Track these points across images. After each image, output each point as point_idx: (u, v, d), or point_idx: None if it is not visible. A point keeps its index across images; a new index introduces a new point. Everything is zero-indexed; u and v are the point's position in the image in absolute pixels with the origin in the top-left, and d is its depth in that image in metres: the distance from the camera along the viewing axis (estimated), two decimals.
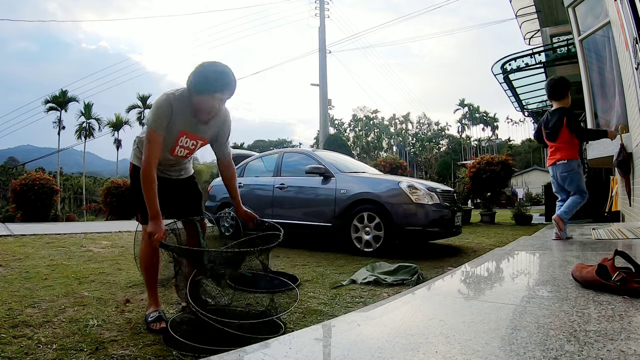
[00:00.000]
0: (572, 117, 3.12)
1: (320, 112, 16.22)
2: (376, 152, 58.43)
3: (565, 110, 3.14)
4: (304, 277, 2.70)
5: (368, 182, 3.97)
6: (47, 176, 9.74)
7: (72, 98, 30.07)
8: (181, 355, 1.37)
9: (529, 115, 15.28)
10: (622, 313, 1.22)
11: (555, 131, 3.14)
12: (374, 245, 3.69)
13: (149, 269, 1.75)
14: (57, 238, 4.82)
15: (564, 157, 3.13)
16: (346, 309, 1.92)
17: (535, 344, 0.98)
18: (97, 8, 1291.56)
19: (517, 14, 10.30)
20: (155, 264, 1.77)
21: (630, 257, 1.50)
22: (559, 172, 3.17)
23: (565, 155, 3.13)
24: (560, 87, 3.21)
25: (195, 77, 1.59)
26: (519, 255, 2.78)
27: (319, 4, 16.85)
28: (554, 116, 3.18)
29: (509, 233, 5.77)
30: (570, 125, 3.08)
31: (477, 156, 12.25)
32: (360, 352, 1.02)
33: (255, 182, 4.81)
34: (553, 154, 3.24)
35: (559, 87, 3.20)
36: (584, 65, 5.72)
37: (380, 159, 10.72)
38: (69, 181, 33.93)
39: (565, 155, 3.13)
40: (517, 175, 29.07)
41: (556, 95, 3.20)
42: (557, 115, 3.15)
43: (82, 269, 2.90)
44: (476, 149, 56.63)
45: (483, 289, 1.79)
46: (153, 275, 1.77)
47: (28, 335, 1.51)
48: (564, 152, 3.14)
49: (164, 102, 1.62)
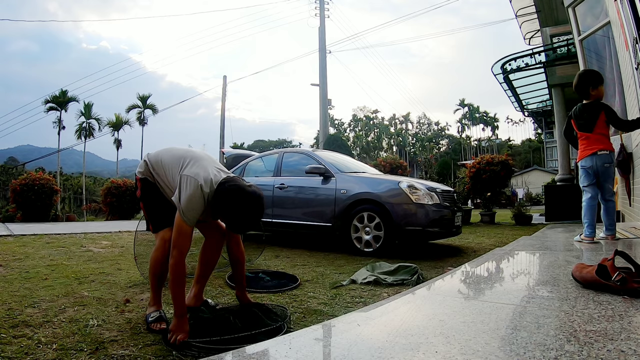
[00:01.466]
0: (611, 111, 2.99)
1: (320, 112, 16.22)
2: (376, 152, 58.41)
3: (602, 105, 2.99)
4: (304, 277, 2.70)
5: (368, 182, 3.97)
6: (47, 176, 9.73)
7: (72, 98, 30.05)
8: (181, 355, 1.37)
9: (529, 115, 15.27)
10: (622, 313, 1.22)
11: (592, 121, 2.98)
12: (374, 245, 3.69)
13: (157, 273, 1.73)
14: (57, 238, 4.82)
15: (608, 147, 2.98)
16: (346, 309, 1.92)
17: (535, 344, 0.98)
18: (97, 8, 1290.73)
19: (517, 14, 10.30)
20: (165, 271, 1.74)
21: (630, 257, 1.50)
22: (601, 162, 2.98)
23: (607, 146, 2.99)
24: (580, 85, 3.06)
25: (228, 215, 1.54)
26: (519, 255, 2.78)
27: (319, 4, 16.86)
28: (589, 108, 3.03)
29: (509, 233, 5.76)
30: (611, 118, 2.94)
31: (477, 156, 12.26)
32: (360, 352, 1.02)
33: (255, 182, 4.80)
34: (591, 144, 3.03)
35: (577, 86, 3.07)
36: (584, 65, 5.72)
37: (380, 159, 10.72)
38: (69, 181, 33.88)
39: (608, 146, 2.99)
40: (517, 175, 29.03)
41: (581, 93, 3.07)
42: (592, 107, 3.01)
43: (82, 269, 2.90)
44: (476, 149, 56.61)
45: (483, 289, 1.79)
46: (161, 280, 1.76)
47: (28, 335, 1.51)
48: (605, 143, 2.99)
49: (200, 200, 1.54)
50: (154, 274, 1.75)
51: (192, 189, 1.53)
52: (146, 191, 1.77)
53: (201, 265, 1.88)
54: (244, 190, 1.53)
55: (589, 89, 3.00)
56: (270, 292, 2.28)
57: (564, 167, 9.14)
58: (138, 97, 33.41)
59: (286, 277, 2.66)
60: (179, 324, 1.49)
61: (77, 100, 30.41)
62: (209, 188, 1.55)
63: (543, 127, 22.76)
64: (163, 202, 1.73)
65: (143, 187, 1.77)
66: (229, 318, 1.64)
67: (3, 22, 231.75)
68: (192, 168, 1.61)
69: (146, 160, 1.78)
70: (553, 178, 11.98)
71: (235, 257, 1.83)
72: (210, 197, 1.56)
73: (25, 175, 9.63)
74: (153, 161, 1.76)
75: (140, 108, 33.38)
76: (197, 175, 1.56)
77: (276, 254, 3.81)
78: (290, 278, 2.64)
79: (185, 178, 1.56)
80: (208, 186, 1.55)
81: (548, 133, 23.12)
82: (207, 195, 1.55)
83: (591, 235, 2.99)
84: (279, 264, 3.25)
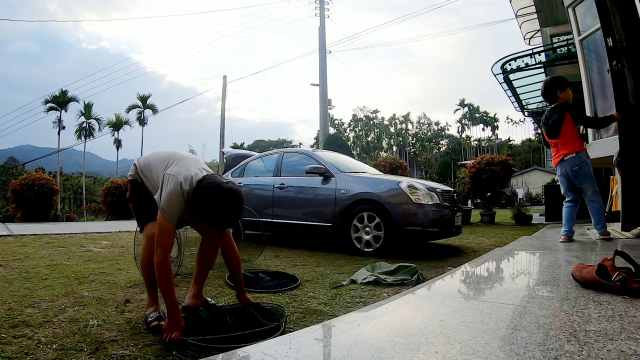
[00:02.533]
0: (575, 110, 3.02)
1: (320, 112, 16.22)
2: (376, 152, 58.43)
3: (566, 106, 3.04)
4: (304, 277, 2.70)
5: (368, 182, 3.97)
6: (47, 176, 9.73)
7: (72, 98, 30.05)
8: (181, 355, 1.37)
9: (529, 115, 15.27)
10: (622, 313, 1.22)
11: (557, 127, 3.04)
12: (374, 245, 3.69)
13: (149, 272, 1.74)
14: (57, 238, 4.82)
15: (572, 150, 3.00)
16: (346, 309, 1.92)
17: (535, 344, 0.98)
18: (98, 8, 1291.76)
19: (517, 14, 10.29)
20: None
21: (630, 257, 1.50)
22: (568, 167, 3.04)
23: (572, 148, 3.00)
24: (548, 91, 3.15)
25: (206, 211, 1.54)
26: (519, 255, 2.78)
27: (319, 4, 16.85)
28: (553, 113, 3.10)
29: (509, 233, 5.76)
30: (576, 117, 2.98)
31: (477, 156, 12.25)
32: (360, 352, 1.02)
33: (255, 182, 4.81)
34: (558, 151, 3.11)
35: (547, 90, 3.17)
36: (584, 65, 5.71)
37: (380, 159, 10.72)
38: (69, 181, 33.89)
39: (572, 148, 3.00)
40: (517, 175, 29.03)
41: (548, 99, 3.19)
42: (556, 112, 3.07)
43: (82, 269, 2.90)
44: (476, 149, 56.61)
45: (483, 289, 1.79)
46: (153, 278, 1.76)
47: (28, 335, 1.51)
48: (570, 146, 3.01)
49: (179, 197, 1.56)
50: (146, 273, 1.77)
51: (172, 187, 1.56)
52: (135, 192, 1.84)
53: (199, 265, 1.90)
54: (221, 187, 1.55)
55: (557, 92, 3.09)
56: (270, 292, 2.28)
57: None
58: (138, 97, 33.43)
59: (286, 277, 2.66)
60: (172, 322, 1.50)
61: (77, 100, 30.44)
62: (188, 186, 1.57)
63: None
64: (149, 201, 1.75)
65: (132, 189, 1.85)
66: (227, 318, 1.64)
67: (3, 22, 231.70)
68: (175, 167, 1.65)
69: (135, 164, 1.85)
70: (553, 178, 11.97)
71: (230, 260, 1.84)
72: (190, 194, 1.58)
73: (25, 175, 9.63)
74: (142, 164, 1.82)
75: (140, 108, 33.39)
76: (178, 173, 1.59)
77: (276, 254, 3.81)
78: (290, 278, 2.64)
79: (167, 177, 1.60)
80: (188, 184, 1.57)
81: None
82: (187, 193, 1.57)
83: (565, 234, 3.19)
84: (279, 264, 3.25)
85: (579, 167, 2.99)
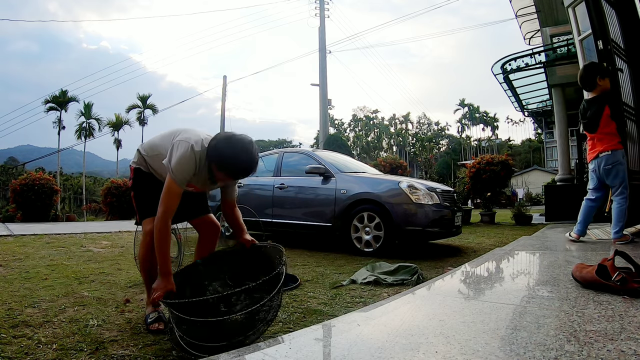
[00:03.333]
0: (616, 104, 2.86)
1: (320, 112, 16.21)
2: (376, 152, 58.48)
3: (606, 98, 2.83)
4: (304, 277, 2.70)
5: (368, 182, 3.97)
6: (47, 176, 9.72)
7: (72, 98, 30.07)
8: (181, 355, 1.36)
9: (529, 115, 15.27)
10: (622, 313, 1.22)
11: (595, 120, 2.84)
12: (374, 245, 3.69)
13: (147, 269, 1.75)
14: (57, 238, 4.82)
15: (607, 147, 2.83)
16: (346, 309, 1.92)
17: (535, 344, 0.98)
18: (98, 8, 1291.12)
19: (517, 14, 10.30)
20: (154, 266, 1.76)
21: (630, 257, 1.50)
22: (602, 165, 2.86)
23: (608, 146, 2.83)
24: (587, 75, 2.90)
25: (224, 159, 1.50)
26: (519, 255, 2.78)
27: (319, 4, 16.84)
28: (592, 105, 2.88)
29: (509, 233, 5.76)
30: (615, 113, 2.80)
31: (477, 156, 12.25)
32: (360, 352, 1.02)
33: (255, 182, 4.80)
34: (594, 146, 2.93)
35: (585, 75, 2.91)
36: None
37: (380, 159, 10.71)
38: (69, 181, 33.92)
39: (608, 145, 2.83)
40: (517, 175, 29.03)
41: (586, 85, 2.94)
42: (595, 104, 2.85)
43: (82, 269, 2.90)
44: (476, 149, 56.62)
45: (483, 289, 1.79)
46: (152, 277, 1.76)
47: (28, 335, 1.51)
48: (606, 143, 2.85)
49: (191, 160, 1.55)
50: (144, 269, 1.77)
51: (182, 150, 1.55)
52: (138, 180, 1.80)
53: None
54: (234, 135, 1.55)
55: (597, 78, 2.86)
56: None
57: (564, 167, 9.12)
58: (138, 97, 33.46)
59: (286, 277, 2.66)
60: (161, 282, 1.50)
61: (77, 100, 30.46)
62: (200, 147, 1.57)
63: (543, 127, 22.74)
64: (153, 192, 1.72)
65: (135, 177, 1.80)
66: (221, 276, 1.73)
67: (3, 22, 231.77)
68: (184, 135, 1.64)
69: (139, 149, 1.81)
70: (553, 178, 11.97)
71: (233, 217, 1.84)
72: (202, 157, 1.57)
73: (25, 175, 9.62)
74: (146, 146, 1.80)
75: (140, 108, 33.41)
76: (188, 139, 1.59)
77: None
78: (290, 278, 2.63)
79: (177, 142, 1.59)
80: (199, 145, 1.57)
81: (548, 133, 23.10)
82: (199, 155, 1.56)
83: (578, 233, 3.07)
84: None
85: (612, 166, 2.82)
